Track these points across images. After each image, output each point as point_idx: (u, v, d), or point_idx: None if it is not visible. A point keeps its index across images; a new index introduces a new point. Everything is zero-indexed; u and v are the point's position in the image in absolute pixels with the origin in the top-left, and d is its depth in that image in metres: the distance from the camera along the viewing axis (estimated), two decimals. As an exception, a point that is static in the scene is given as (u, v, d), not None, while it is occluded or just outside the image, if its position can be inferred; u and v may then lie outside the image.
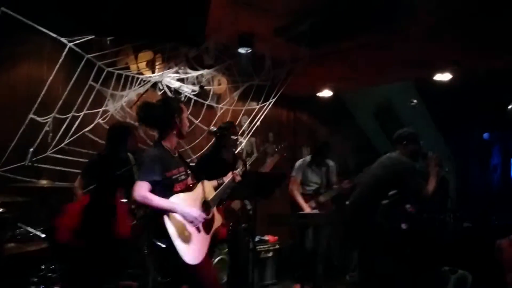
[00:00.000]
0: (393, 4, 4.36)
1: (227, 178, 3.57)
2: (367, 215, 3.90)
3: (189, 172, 3.06)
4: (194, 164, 4.46)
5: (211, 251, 3.03)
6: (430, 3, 4.29)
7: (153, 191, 2.74)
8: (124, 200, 3.46)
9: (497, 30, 4.80)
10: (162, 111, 2.94)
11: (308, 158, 5.34)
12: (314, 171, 5.25)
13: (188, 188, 2.95)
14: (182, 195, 2.85)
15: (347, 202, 4.56)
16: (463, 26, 4.89)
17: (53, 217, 3.01)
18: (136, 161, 3.68)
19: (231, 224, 4.23)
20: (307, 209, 4.99)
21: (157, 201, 2.71)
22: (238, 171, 3.51)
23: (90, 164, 3.88)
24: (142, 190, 2.69)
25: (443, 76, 5.76)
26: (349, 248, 5.91)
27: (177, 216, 2.75)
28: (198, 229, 2.86)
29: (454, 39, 5.12)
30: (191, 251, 2.74)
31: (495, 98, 6.28)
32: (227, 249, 4.62)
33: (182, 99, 5.08)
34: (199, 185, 3.02)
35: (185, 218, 2.76)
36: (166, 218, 2.71)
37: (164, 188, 2.79)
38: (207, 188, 3.11)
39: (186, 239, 2.75)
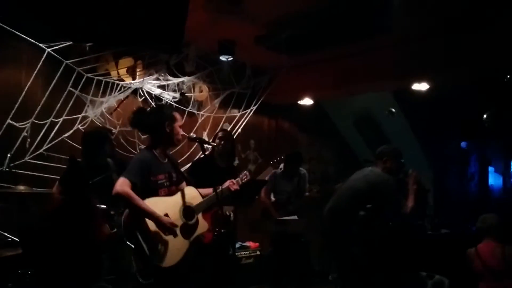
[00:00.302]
0: (369, 19, 4.49)
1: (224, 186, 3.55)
2: (343, 224, 3.95)
3: (178, 178, 3.09)
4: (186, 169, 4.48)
5: (191, 256, 3.02)
6: (404, 21, 4.43)
7: (137, 193, 2.78)
8: (103, 206, 3.46)
9: (468, 46, 4.96)
10: (153, 117, 3.03)
11: (280, 167, 5.40)
12: (286, 180, 5.34)
13: (170, 194, 2.98)
14: (158, 198, 2.89)
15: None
16: (436, 42, 5.06)
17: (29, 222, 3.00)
18: (116, 166, 3.68)
19: (216, 229, 4.24)
20: (277, 216, 5.06)
21: (135, 200, 2.74)
22: (238, 180, 3.49)
23: (67, 171, 3.85)
24: (125, 186, 2.75)
25: (421, 86, 5.87)
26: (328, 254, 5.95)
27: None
28: (174, 235, 2.86)
29: (428, 53, 5.27)
30: (162, 254, 2.75)
31: (472, 107, 6.44)
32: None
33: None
34: (185, 190, 3.06)
35: (158, 227, 2.78)
36: (127, 212, 2.79)
37: (148, 192, 2.84)
38: (192, 194, 3.11)
39: (159, 241, 2.77)
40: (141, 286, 2.77)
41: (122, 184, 2.75)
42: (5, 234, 3.15)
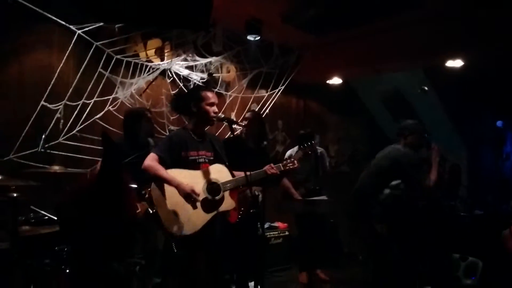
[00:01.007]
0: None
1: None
2: (369, 203, 3.94)
3: (215, 158, 3.19)
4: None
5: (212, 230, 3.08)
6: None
7: (167, 167, 2.97)
8: (134, 186, 3.52)
9: (503, 21, 4.74)
10: (182, 99, 3.26)
11: (295, 149, 5.35)
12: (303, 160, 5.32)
13: (196, 168, 3.08)
14: (183, 170, 3.02)
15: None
16: (470, 17, 4.86)
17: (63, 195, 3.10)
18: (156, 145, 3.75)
19: (242, 209, 4.26)
20: (297, 196, 5.10)
21: (158, 170, 2.93)
22: (279, 165, 3.46)
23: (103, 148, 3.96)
24: (151, 160, 2.96)
25: (455, 63, 5.67)
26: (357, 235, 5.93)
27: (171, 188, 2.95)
28: (194, 206, 2.97)
29: (464, 26, 5.06)
30: (176, 223, 2.89)
31: (508, 85, 6.20)
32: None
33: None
34: (214, 167, 3.14)
35: (179, 192, 2.93)
36: (153, 187, 2.93)
37: (178, 167, 3.00)
38: (221, 172, 3.16)
39: (175, 210, 2.92)
40: (170, 258, 2.93)
41: (149, 158, 2.97)
42: (42, 212, 3.25)
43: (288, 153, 5.48)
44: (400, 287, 3.95)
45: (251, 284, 4.53)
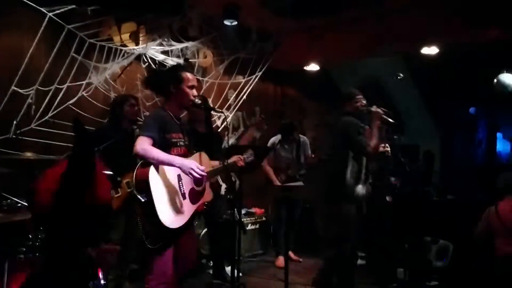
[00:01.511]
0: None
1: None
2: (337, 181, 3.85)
3: (189, 143, 3.06)
4: None
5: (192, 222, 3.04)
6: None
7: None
8: (109, 172, 3.48)
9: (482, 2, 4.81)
10: (160, 78, 3.04)
11: (279, 137, 5.61)
12: (285, 147, 5.55)
13: (185, 155, 2.95)
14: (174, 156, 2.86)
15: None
16: (446, 3, 4.92)
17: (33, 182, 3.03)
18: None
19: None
20: (276, 182, 5.33)
21: (157, 153, 2.73)
22: (245, 156, 3.47)
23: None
24: (143, 143, 2.74)
25: (430, 50, 5.75)
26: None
27: (168, 174, 2.79)
28: (183, 195, 2.87)
29: (440, 12, 5.13)
30: (169, 213, 2.74)
31: (482, 72, 6.33)
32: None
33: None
34: (197, 155, 3.04)
35: (183, 169, 2.77)
36: (151, 172, 2.72)
37: (162, 149, 2.80)
38: (204, 160, 3.09)
39: (168, 200, 2.77)
40: (147, 250, 2.79)
41: (141, 143, 2.74)
42: (14, 199, 3.18)
43: (271, 140, 5.59)
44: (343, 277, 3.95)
45: (228, 269, 4.57)
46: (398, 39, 5.66)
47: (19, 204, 3.19)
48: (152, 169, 2.73)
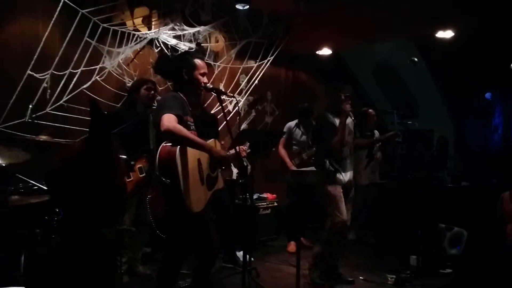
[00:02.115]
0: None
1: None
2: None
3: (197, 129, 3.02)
4: None
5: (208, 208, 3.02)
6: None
7: None
8: (123, 156, 3.52)
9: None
10: (172, 64, 2.99)
11: (296, 120, 5.60)
12: (300, 131, 5.55)
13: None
14: None
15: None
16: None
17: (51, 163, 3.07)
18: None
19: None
20: (291, 166, 5.31)
21: (186, 133, 2.68)
22: (246, 147, 3.49)
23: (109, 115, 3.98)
24: (172, 120, 2.66)
25: (445, 34, 5.66)
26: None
27: (190, 157, 2.72)
28: (202, 181, 2.86)
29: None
30: (192, 198, 2.69)
31: (498, 57, 6.21)
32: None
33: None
34: (211, 141, 3.01)
35: (214, 157, 2.78)
36: (177, 154, 2.64)
37: None
38: (217, 147, 3.07)
39: (191, 184, 2.70)
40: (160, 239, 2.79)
41: (170, 120, 2.65)
42: (31, 181, 3.24)
43: (287, 126, 5.57)
44: None
45: (240, 253, 4.62)
46: (412, 22, 5.57)
47: (35, 187, 3.25)
48: (179, 151, 2.65)
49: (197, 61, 2.99)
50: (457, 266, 4.61)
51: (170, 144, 2.70)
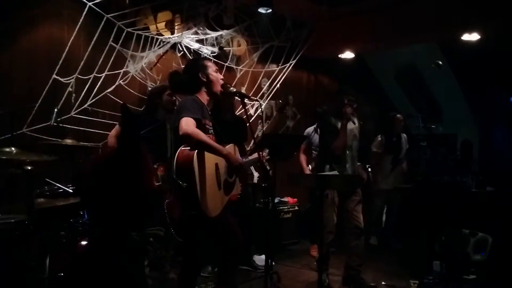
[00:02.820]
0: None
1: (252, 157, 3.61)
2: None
3: (216, 132, 3.02)
4: None
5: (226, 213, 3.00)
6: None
7: None
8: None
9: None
10: (187, 74, 2.99)
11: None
12: (318, 135, 5.38)
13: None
14: None
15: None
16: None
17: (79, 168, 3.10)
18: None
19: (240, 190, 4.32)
20: (306, 171, 5.12)
21: (205, 137, 2.68)
22: (264, 154, 3.48)
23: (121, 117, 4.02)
24: (191, 124, 2.65)
25: (471, 37, 5.54)
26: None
27: (207, 162, 2.71)
28: (219, 185, 2.84)
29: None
30: (209, 202, 2.68)
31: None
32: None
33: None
34: (231, 146, 3.00)
35: (231, 163, 2.77)
36: (195, 158, 2.62)
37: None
38: (236, 152, 3.07)
39: (208, 188, 2.69)
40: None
41: (189, 124, 2.64)
42: (57, 184, 3.28)
43: (306, 131, 5.48)
44: None
45: (257, 257, 4.60)
46: (437, 25, 5.48)
47: (61, 190, 3.29)
48: (197, 155, 2.64)
49: (206, 61, 3.03)
50: (481, 272, 4.52)
51: (189, 148, 2.69)
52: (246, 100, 3.25)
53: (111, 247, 2.41)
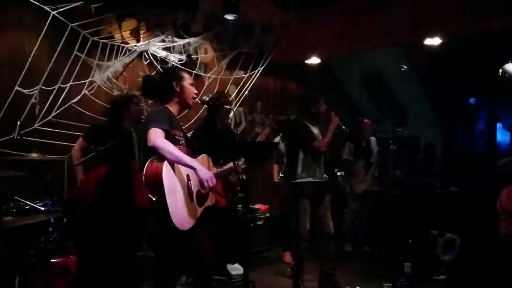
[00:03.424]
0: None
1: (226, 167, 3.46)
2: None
3: (187, 142, 2.98)
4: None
5: (202, 225, 2.98)
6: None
7: None
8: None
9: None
10: (161, 80, 2.96)
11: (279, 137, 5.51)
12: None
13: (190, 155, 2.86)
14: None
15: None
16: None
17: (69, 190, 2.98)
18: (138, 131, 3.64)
19: (229, 195, 4.27)
20: (275, 178, 5.32)
21: (178, 152, 2.63)
22: (240, 163, 3.40)
23: (94, 129, 3.89)
24: (159, 135, 2.61)
25: (433, 41, 5.72)
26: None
27: (179, 173, 2.68)
28: (191, 197, 2.80)
29: (442, 2, 5.11)
30: (181, 215, 2.64)
31: (483, 63, 6.31)
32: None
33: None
34: (203, 157, 2.96)
35: (200, 176, 2.69)
36: (165, 169, 2.58)
37: None
38: (208, 163, 3.03)
39: (180, 201, 2.66)
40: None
41: (157, 134, 2.61)
42: (24, 201, 3.14)
43: (277, 137, 5.51)
44: None
45: (230, 266, 4.57)
46: (401, 30, 5.63)
47: (28, 207, 3.16)
48: (166, 167, 2.59)
49: (184, 72, 3.00)
50: (451, 272, 4.62)
51: (158, 159, 2.64)
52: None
53: (99, 270, 2.33)
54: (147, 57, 4.94)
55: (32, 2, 3.79)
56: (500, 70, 5.37)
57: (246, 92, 6.05)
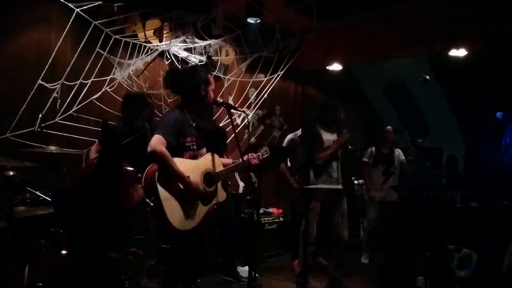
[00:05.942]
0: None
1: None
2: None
3: (202, 143, 3.02)
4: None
5: (208, 223, 3.00)
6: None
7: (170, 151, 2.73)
8: (130, 169, 3.48)
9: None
10: (189, 79, 2.95)
11: (298, 133, 5.33)
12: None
13: (194, 157, 2.92)
14: (183, 160, 2.83)
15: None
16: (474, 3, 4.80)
17: (60, 182, 3.04)
18: (152, 129, 3.66)
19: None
20: (293, 182, 5.04)
21: (170, 161, 2.69)
22: (258, 154, 3.42)
23: (108, 133, 3.88)
24: (160, 144, 2.68)
25: (458, 52, 5.61)
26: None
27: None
28: (193, 198, 2.84)
29: (469, 14, 5.01)
30: (179, 217, 2.70)
31: (510, 76, 6.16)
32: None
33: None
34: (206, 156, 2.99)
35: (189, 190, 2.76)
36: (156, 176, 2.66)
37: (174, 152, 2.77)
38: (215, 161, 3.05)
39: (179, 202, 2.72)
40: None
41: (158, 142, 2.68)
42: (37, 193, 3.22)
43: (288, 137, 5.41)
44: None
45: (241, 268, 4.56)
46: (425, 39, 5.54)
47: (41, 198, 3.23)
48: (160, 172, 2.68)
49: (211, 77, 3.02)
50: (465, 289, 4.51)
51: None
52: (232, 110, 3.25)
53: (88, 265, 2.36)
54: (168, 57, 5.00)
55: (58, -1, 3.89)
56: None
57: (265, 95, 6.05)
